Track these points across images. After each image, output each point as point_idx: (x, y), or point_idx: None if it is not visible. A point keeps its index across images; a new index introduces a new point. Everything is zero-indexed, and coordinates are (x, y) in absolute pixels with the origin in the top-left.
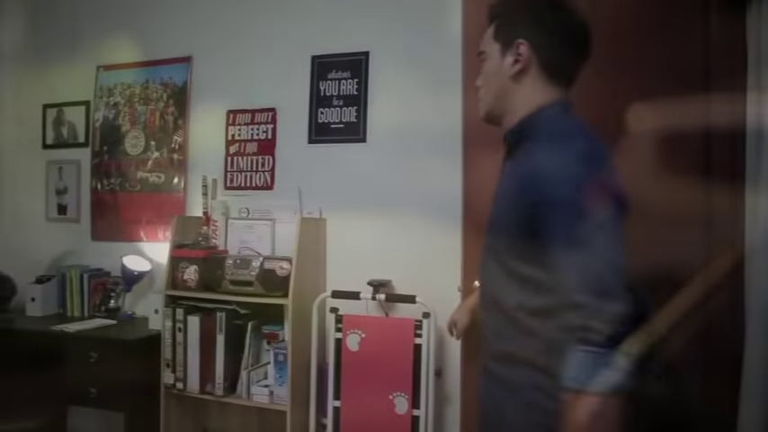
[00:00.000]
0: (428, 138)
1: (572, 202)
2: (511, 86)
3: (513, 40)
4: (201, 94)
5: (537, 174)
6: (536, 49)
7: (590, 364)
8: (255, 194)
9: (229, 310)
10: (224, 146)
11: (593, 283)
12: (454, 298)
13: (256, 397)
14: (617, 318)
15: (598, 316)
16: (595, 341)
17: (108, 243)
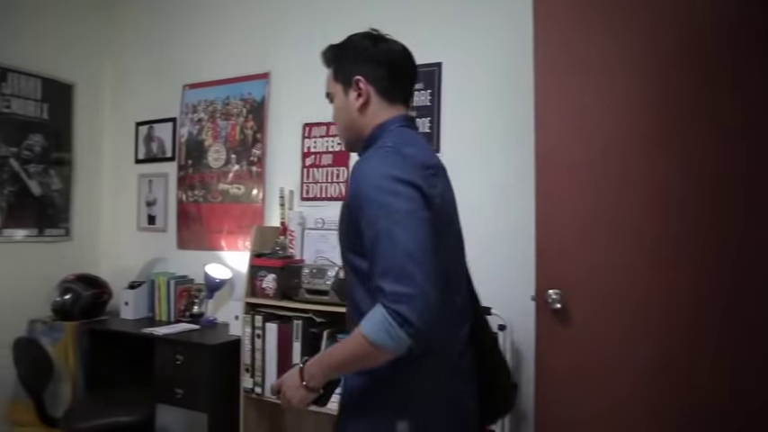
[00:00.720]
0: (502, 148)
1: (375, 198)
2: (358, 117)
3: (352, 78)
4: (279, 109)
5: (354, 176)
6: (372, 82)
7: (378, 323)
8: (330, 205)
9: (306, 319)
10: (300, 158)
11: (391, 272)
12: (529, 309)
13: (331, 404)
14: (412, 299)
15: (390, 296)
16: (392, 316)
17: (192, 251)
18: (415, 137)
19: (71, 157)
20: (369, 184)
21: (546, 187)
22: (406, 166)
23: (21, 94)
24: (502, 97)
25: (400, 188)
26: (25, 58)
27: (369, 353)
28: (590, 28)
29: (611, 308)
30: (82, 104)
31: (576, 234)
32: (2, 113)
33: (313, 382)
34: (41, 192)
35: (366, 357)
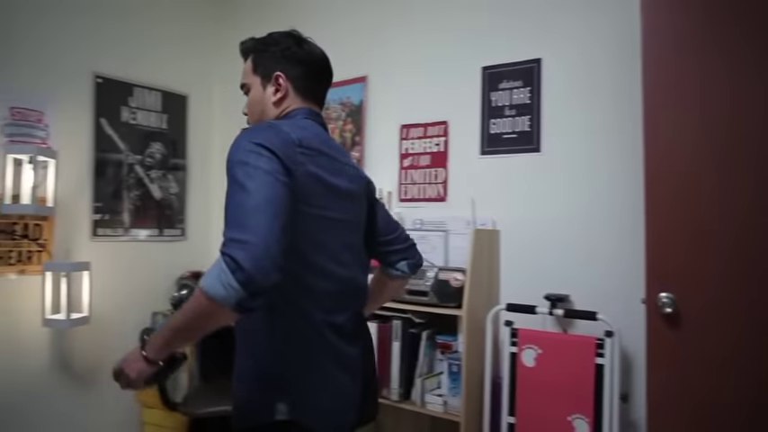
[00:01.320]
0: (607, 146)
1: (238, 159)
2: (272, 109)
3: (272, 73)
4: (376, 111)
5: (230, 148)
6: (291, 79)
7: (213, 271)
8: (429, 206)
9: (405, 319)
10: (398, 159)
11: (235, 221)
12: (638, 315)
13: (430, 405)
14: (249, 245)
15: (226, 244)
16: (226, 262)
17: None
18: (312, 125)
19: (186, 163)
20: (235, 151)
21: (657, 189)
22: (271, 138)
23: (144, 107)
24: (607, 94)
25: (263, 151)
26: (148, 74)
27: (205, 308)
28: (713, 17)
29: (727, 315)
30: (195, 114)
31: (690, 235)
32: (129, 124)
33: (152, 352)
34: (161, 195)
35: (202, 314)
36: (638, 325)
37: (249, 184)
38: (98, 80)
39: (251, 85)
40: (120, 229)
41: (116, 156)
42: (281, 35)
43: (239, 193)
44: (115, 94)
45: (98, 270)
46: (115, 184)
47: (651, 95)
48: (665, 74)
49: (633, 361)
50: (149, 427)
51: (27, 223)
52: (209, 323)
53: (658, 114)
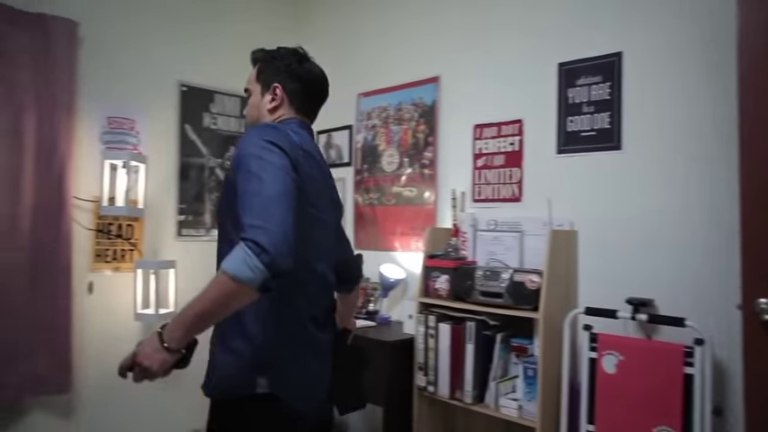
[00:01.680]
0: (697, 142)
1: (251, 153)
2: (267, 115)
3: (271, 84)
4: (449, 111)
5: (237, 146)
6: (287, 92)
7: (236, 256)
8: (503, 206)
9: (479, 321)
10: (471, 159)
11: (255, 209)
12: (732, 321)
13: (504, 409)
14: (269, 231)
15: (249, 230)
16: (250, 247)
17: (368, 251)
18: (305, 134)
19: None
20: (247, 146)
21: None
22: (280, 137)
23: (224, 112)
24: (697, 87)
25: (274, 149)
26: (227, 81)
27: (231, 290)
28: None
29: None
30: None
31: None
32: (210, 129)
33: (174, 342)
34: None
35: (229, 297)
36: (732, 333)
37: (264, 176)
38: (183, 89)
39: (252, 91)
40: (203, 229)
41: (199, 160)
42: (287, 51)
43: (255, 183)
44: (198, 102)
45: (182, 268)
46: (198, 187)
47: (747, 87)
48: (764, 64)
49: (727, 372)
50: None
51: (121, 224)
52: (233, 305)
53: (757, 106)
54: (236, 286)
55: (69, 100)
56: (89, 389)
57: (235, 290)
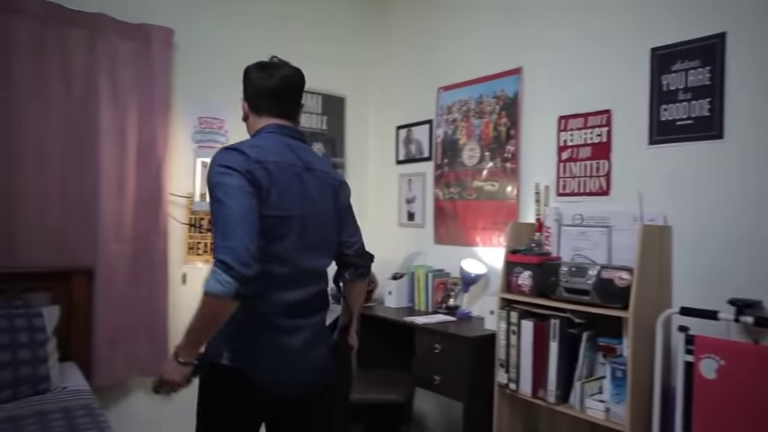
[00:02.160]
0: None
1: (214, 181)
2: (246, 126)
3: (242, 98)
4: (532, 103)
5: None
6: (249, 102)
7: (210, 277)
8: (590, 200)
9: (563, 318)
10: (555, 152)
11: (220, 231)
12: None
13: (590, 411)
14: (233, 250)
15: (218, 250)
16: (218, 266)
17: (448, 246)
18: (273, 140)
19: (344, 161)
20: (211, 174)
21: None
22: (234, 159)
23: (307, 110)
24: None
25: (231, 172)
26: (310, 80)
27: (212, 306)
28: None
29: None
30: (352, 114)
31: None
32: None
33: (184, 355)
34: None
35: (211, 312)
36: None
37: (227, 200)
38: None
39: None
40: None
41: None
42: (251, 67)
43: (221, 208)
44: None
45: None
46: None
47: None
48: None
49: None
50: None
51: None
52: (220, 316)
53: None
54: (215, 301)
55: (165, 102)
56: None
57: (215, 304)
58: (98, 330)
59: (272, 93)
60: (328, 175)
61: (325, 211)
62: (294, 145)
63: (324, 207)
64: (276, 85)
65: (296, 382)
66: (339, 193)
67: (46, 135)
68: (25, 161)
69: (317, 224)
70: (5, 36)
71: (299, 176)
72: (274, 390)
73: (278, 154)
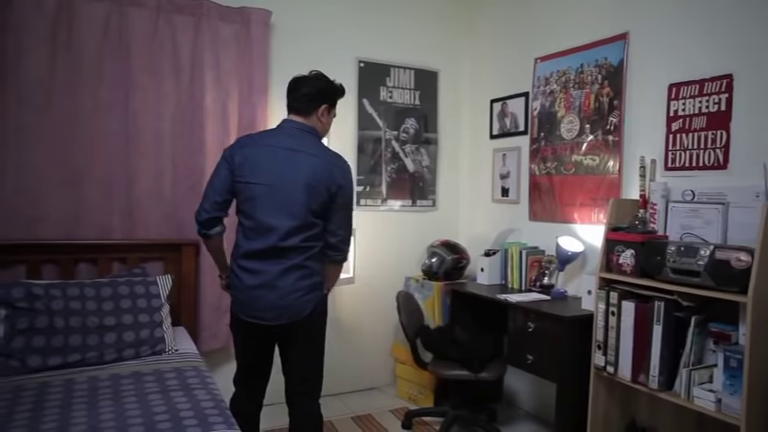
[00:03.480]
0: None
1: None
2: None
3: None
4: (639, 71)
5: None
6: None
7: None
8: (703, 175)
9: (669, 301)
10: (664, 123)
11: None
12: None
13: (699, 401)
14: (200, 205)
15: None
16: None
17: (543, 223)
18: (273, 130)
19: (437, 137)
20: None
21: None
22: (229, 148)
23: (399, 86)
24: None
25: (221, 156)
26: (402, 55)
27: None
28: None
29: None
30: (445, 89)
31: None
32: (387, 103)
33: (221, 272)
34: (414, 168)
35: (204, 245)
36: None
37: (212, 173)
38: (361, 65)
39: None
40: (379, 199)
41: (375, 132)
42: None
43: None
44: (374, 76)
45: (360, 236)
46: (374, 159)
47: None
48: None
49: None
50: (401, 381)
51: None
52: (208, 247)
53: None
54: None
55: (263, 82)
56: None
57: (201, 239)
58: (205, 298)
59: (288, 93)
60: (319, 162)
61: (293, 182)
62: (290, 133)
63: (294, 179)
64: (289, 86)
65: (258, 315)
66: (333, 192)
67: (160, 119)
68: (143, 144)
69: (283, 191)
70: (125, 27)
71: (276, 155)
72: (248, 319)
73: (266, 139)
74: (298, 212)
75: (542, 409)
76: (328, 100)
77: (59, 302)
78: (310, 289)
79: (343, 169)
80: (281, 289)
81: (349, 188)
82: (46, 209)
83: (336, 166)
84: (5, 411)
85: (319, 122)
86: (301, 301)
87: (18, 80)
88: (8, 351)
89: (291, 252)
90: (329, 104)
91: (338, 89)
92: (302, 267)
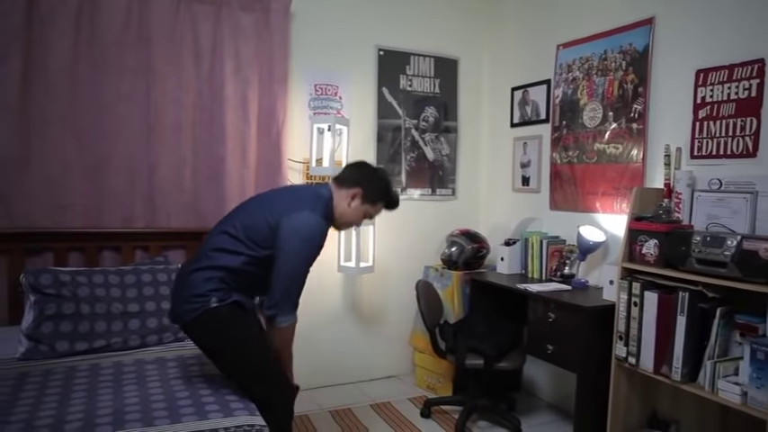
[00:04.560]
0: None
1: None
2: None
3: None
4: (665, 57)
5: None
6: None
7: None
8: (731, 163)
9: (694, 291)
10: (691, 110)
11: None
12: None
13: (724, 393)
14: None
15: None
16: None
17: (564, 212)
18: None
19: (456, 125)
20: None
21: None
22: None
23: (419, 74)
24: None
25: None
26: (422, 42)
27: None
28: None
29: None
30: (465, 77)
31: None
32: (406, 91)
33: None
34: (434, 157)
35: None
36: None
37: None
38: (380, 53)
39: None
40: (399, 188)
41: (395, 121)
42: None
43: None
44: (394, 65)
45: (380, 225)
46: (394, 148)
47: None
48: None
49: None
50: (420, 370)
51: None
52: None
53: None
54: None
55: (283, 71)
56: (299, 328)
57: None
58: None
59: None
60: (273, 210)
61: (233, 217)
62: (285, 191)
63: (236, 215)
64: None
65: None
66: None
67: (181, 108)
68: (164, 133)
69: (215, 231)
70: (146, 17)
71: (255, 198)
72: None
73: (269, 192)
74: (234, 237)
75: (562, 399)
76: (367, 191)
77: (85, 289)
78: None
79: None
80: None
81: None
82: (71, 198)
83: (284, 216)
84: (36, 393)
85: (343, 200)
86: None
87: (44, 71)
88: (37, 336)
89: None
90: (365, 193)
91: (383, 191)
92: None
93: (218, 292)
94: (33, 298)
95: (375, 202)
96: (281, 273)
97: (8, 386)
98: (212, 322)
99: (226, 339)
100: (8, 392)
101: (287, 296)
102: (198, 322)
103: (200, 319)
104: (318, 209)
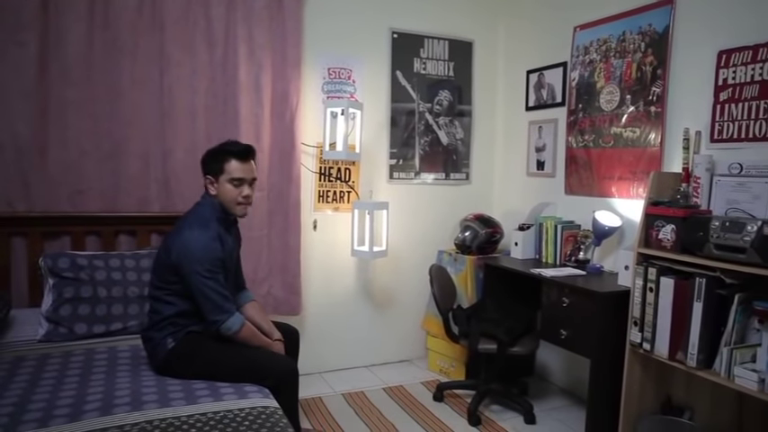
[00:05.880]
0: None
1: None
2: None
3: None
4: (685, 38)
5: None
6: None
7: None
8: (753, 147)
9: (711, 278)
10: (712, 93)
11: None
12: None
13: (740, 380)
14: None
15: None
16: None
17: (579, 197)
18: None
19: (471, 109)
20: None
21: None
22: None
23: (433, 57)
24: None
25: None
26: (436, 25)
27: None
28: None
29: None
30: (479, 59)
31: None
32: (420, 74)
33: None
34: (448, 141)
35: None
36: None
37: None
38: (394, 36)
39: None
40: (412, 172)
41: (409, 105)
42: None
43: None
44: (408, 48)
45: (393, 210)
46: (407, 132)
47: None
48: None
49: None
50: (433, 354)
51: (340, 167)
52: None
53: None
54: None
55: (296, 55)
56: (313, 312)
57: None
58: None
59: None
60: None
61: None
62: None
63: (154, 263)
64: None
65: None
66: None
67: (194, 93)
68: (178, 118)
69: (151, 278)
70: (159, 3)
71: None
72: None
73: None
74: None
75: (575, 384)
76: (208, 169)
77: (102, 273)
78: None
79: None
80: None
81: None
82: (87, 182)
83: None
84: (57, 374)
85: (215, 191)
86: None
87: (59, 57)
88: (57, 318)
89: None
90: (208, 171)
91: (213, 155)
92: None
93: (172, 334)
94: (52, 281)
95: (221, 169)
96: (193, 291)
97: (31, 367)
98: (177, 359)
99: (198, 365)
100: (31, 372)
101: (211, 304)
102: (166, 366)
103: (167, 361)
104: (195, 223)
